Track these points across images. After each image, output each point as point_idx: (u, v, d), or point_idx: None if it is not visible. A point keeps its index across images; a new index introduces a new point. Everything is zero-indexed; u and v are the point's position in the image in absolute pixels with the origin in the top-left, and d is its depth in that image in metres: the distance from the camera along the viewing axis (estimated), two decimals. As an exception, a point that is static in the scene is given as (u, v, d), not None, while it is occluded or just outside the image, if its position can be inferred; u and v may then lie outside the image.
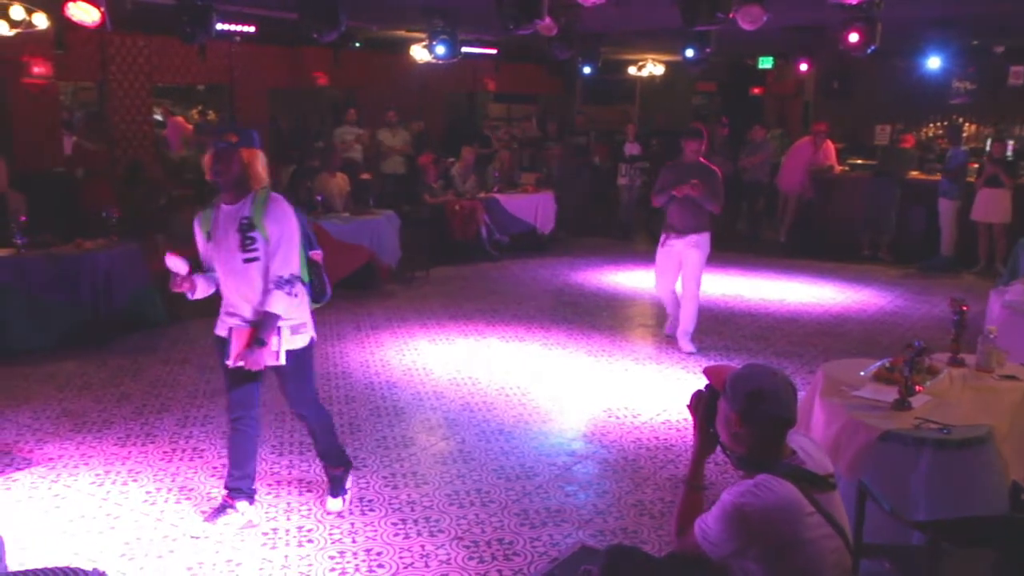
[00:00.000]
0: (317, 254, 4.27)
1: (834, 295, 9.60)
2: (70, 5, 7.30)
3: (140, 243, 7.87)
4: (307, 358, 4.27)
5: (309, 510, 4.42)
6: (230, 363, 4.09)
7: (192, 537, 4.13)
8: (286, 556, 3.98)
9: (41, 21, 8.36)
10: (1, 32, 8.33)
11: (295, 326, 4.12)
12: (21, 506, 4.42)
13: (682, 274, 7.21)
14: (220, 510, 4.27)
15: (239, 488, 4.28)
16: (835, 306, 9.10)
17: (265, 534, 4.17)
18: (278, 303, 3.97)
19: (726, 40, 10.44)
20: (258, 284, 4.01)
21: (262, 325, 4.00)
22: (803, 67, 12.11)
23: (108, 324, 7.30)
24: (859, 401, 3.80)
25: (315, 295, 4.28)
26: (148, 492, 4.61)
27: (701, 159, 7.13)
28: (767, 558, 2.37)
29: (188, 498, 4.54)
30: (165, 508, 4.43)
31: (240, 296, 4.07)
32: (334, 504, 4.43)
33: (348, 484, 4.51)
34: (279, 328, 4.05)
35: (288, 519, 4.32)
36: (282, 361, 4.11)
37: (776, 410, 2.46)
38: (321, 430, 4.41)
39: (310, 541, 4.11)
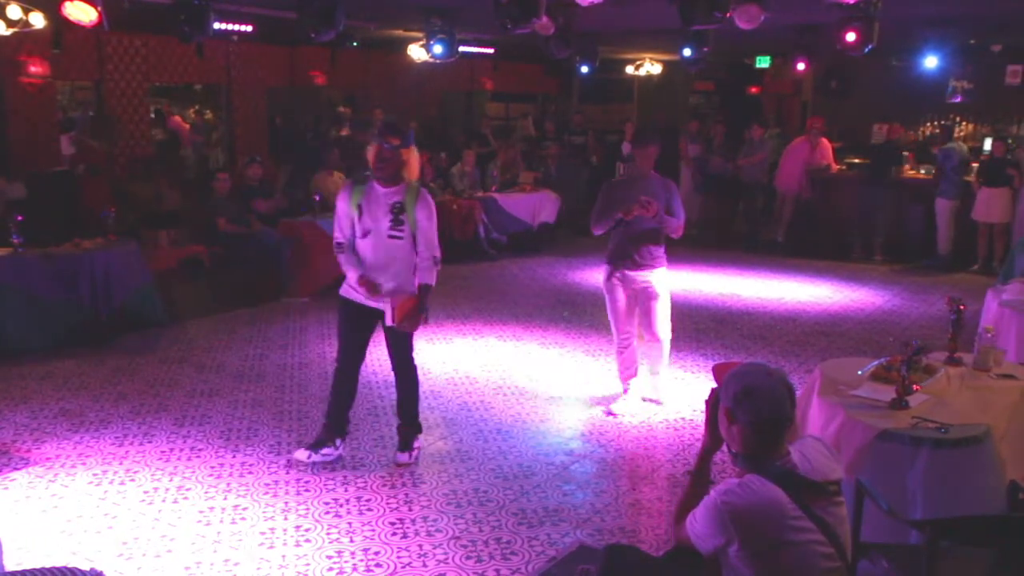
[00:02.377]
0: None
1: (832, 294, 9.61)
2: (67, 4, 7.28)
3: (139, 242, 7.87)
4: None
5: (307, 510, 4.41)
6: (392, 324, 4.81)
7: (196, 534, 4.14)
8: (284, 556, 3.98)
9: (38, 20, 8.34)
10: (-2, 32, 8.32)
11: None
12: (19, 506, 4.42)
13: (641, 319, 5.92)
14: (320, 445, 4.98)
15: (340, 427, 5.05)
16: (833, 305, 9.11)
17: (263, 533, 4.17)
18: (432, 276, 4.80)
19: (724, 39, 10.44)
20: (400, 258, 4.77)
21: (424, 295, 4.79)
22: (801, 66, 12.09)
23: (106, 324, 7.29)
24: (856, 400, 3.81)
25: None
26: (146, 492, 4.60)
27: (654, 171, 5.82)
28: (750, 558, 2.38)
29: (186, 498, 4.54)
30: (163, 507, 4.43)
31: (381, 265, 4.77)
32: (402, 458, 5.00)
33: (416, 444, 5.09)
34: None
35: (286, 519, 4.32)
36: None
37: (766, 410, 2.46)
38: (410, 389, 5.11)
39: (308, 541, 4.11)
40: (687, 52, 10.25)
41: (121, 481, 4.74)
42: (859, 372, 4.08)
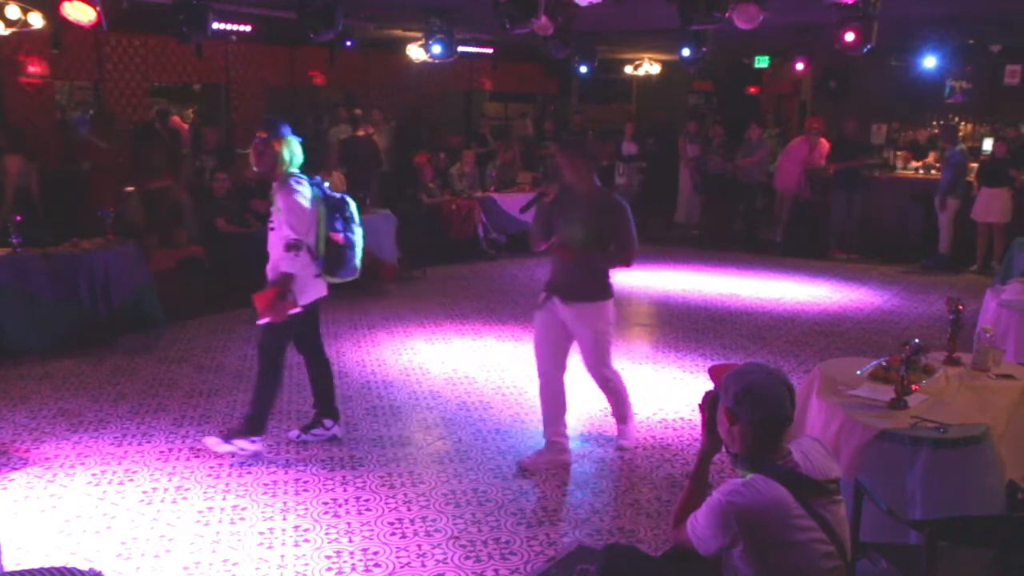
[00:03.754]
0: (337, 236, 4.97)
1: (831, 294, 9.61)
2: (66, 4, 7.28)
3: (137, 242, 7.87)
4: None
5: (306, 510, 4.41)
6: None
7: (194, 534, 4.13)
8: (282, 556, 3.97)
9: (37, 20, 8.32)
10: (-3, 32, 8.31)
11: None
12: (17, 506, 4.41)
13: (581, 354, 5.04)
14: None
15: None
16: (832, 305, 9.11)
17: (262, 533, 4.16)
18: (288, 263, 4.82)
19: (723, 39, 10.44)
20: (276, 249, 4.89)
21: (282, 282, 4.86)
22: (800, 66, 12.12)
23: (105, 324, 7.28)
24: (856, 400, 3.81)
25: (328, 268, 5.00)
26: (144, 492, 4.60)
27: (597, 187, 4.86)
28: (753, 558, 2.38)
29: (185, 498, 4.54)
30: (162, 508, 4.42)
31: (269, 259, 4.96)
32: (291, 434, 5.29)
33: (325, 427, 5.28)
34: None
35: (284, 519, 4.32)
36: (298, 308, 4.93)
37: (767, 409, 2.46)
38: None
39: (306, 541, 4.11)
40: (686, 52, 10.25)
41: (120, 481, 4.73)
42: (858, 372, 4.09)
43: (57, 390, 6.17)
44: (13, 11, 8.14)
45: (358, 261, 5.12)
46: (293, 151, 4.92)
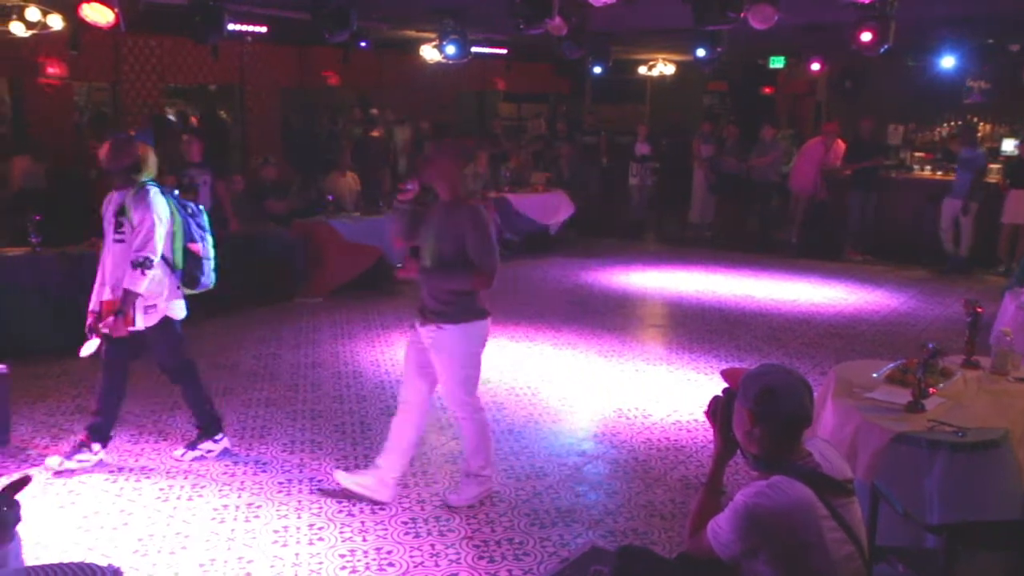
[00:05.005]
0: (196, 247, 4.85)
1: (846, 296, 9.57)
2: (84, 6, 7.32)
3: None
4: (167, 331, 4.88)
5: (320, 508, 4.43)
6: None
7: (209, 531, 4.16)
8: (297, 554, 3.99)
9: (56, 22, 8.40)
10: (17, 33, 8.39)
11: (147, 306, 4.73)
12: (36, 502, 4.44)
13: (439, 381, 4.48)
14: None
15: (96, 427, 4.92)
16: (847, 307, 9.07)
17: (276, 532, 4.18)
18: (132, 280, 4.60)
19: (738, 40, 10.40)
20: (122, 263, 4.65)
21: (124, 300, 4.66)
22: (815, 67, 12.07)
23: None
24: (872, 403, 3.78)
25: (187, 281, 4.88)
26: (161, 489, 4.63)
27: (458, 195, 4.44)
28: (777, 561, 2.35)
29: (200, 495, 4.56)
30: (178, 505, 4.45)
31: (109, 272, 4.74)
32: (182, 454, 5.00)
33: (202, 447, 5.02)
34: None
35: (299, 517, 4.33)
36: (139, 327, 4.72)
37: (789, 409, 2.45)
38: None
39: (321, 539, 4.12)
40: (701, 52, 10.21)
41: (136, 478, 4.77)
42: (874, 375, 4.06)
43: (75, 387, 6.21)
44: (33, 13, 8.22)
45: (214, 271, 4.99)
46: (152, 161, 4.73)
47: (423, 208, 4.46)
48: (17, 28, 8.32)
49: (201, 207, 4.98)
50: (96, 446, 4.89)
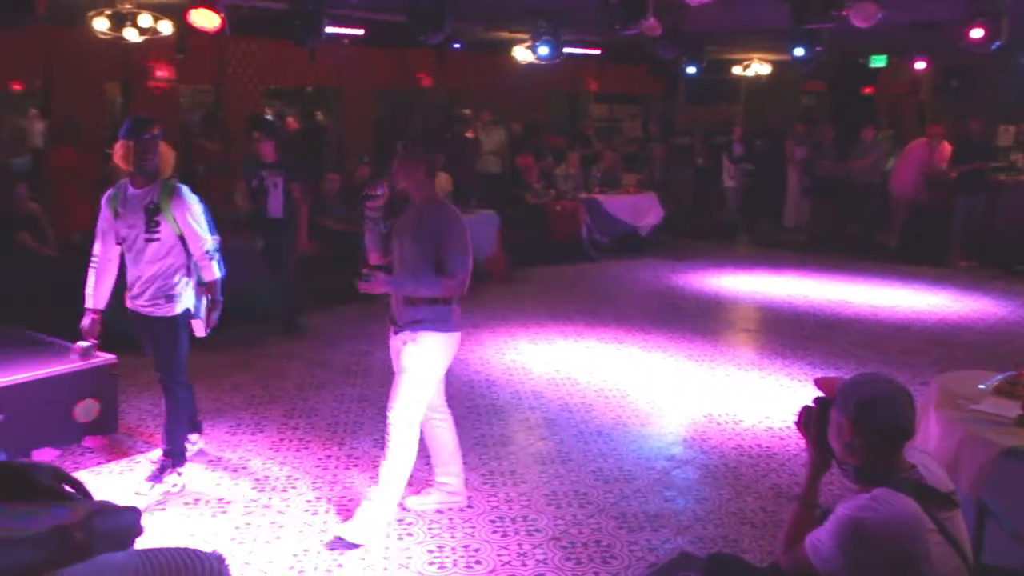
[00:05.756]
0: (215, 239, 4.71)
1: (949, 303, 9.21)
2: (193, 12, 7.62)
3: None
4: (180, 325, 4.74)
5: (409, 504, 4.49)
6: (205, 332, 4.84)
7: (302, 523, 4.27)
8: (386, 547, 4.06)
9: (166, 28, 8.75)
10: (130, 39, 8.77)
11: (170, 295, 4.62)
12: (141, 487, 4.63)
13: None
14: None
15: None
16: (951, 315, 8.73)
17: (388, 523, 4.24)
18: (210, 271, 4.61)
19: (837, 38, 10.13)
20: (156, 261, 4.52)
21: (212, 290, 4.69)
22: (919, 65, 11.65)
23: (222, 316, 7.54)
24: (978, 415, 3.64)
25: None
26: (257, 479, 4.77)
27: (429, 195, 4.17)
28: (882, 574, 2.28)
29: (294, 487, 4.68)
30: (273, 496, 4.58)
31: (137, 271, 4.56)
32: (142, 487, 4.52)
33: (166, 475, 4.61)
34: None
35: (390, 512, 4.40)
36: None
37: (892, 419, 2.36)
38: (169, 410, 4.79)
39: (409, 535, 4.18)
40: (799, 52, 9.96)
41: (235, 468, 4.93)
42: (980, 386, 3.90)
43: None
44: (146, 19, 8.57)
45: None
46: (171, 158, 4.60)
47: (395, 217, 4.18)
48: (131, 34, 8.69)
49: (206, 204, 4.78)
50: (194, 436, 5.06)
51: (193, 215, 4.51)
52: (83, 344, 4.69)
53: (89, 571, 1.93)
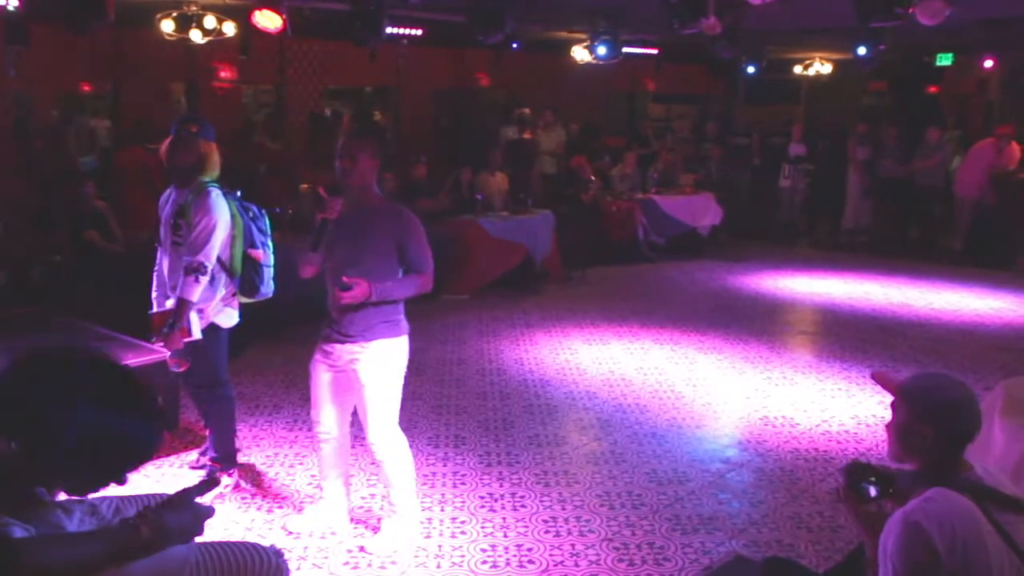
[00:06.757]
0: (256, 252, 4.49)
1: (1015, 307, 8.95)
2: (256, 13, 7.78)
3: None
4: (212, 341, 4.46)
5: (463, 502, 4.53)
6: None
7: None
8: (440, 546, 4.09)
9: (230, 29, 8.95)
10: (195, 40, 8.98)
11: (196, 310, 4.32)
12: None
13: (358, 408, 4.00)
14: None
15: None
16: (1017, 319, 8.49)
17: (420, 523, 4.29)
18: (187, 289, 4.21)
19: (902, 36, 9.92)
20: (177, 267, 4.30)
21: (177, 309, 4.25)
22: (988, 63, 11.34)
23: (281, 313, 7.68)
24: (1045, 423, 3.54)
25: (245, 288, 4.51)
26: (312, 476, 4.83)
27: (374, 194, 3.96)
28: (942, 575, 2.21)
29: (349, 484, 4.74)
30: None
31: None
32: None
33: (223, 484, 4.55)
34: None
35: (442, 510, 4.45)
36: (196, 336, 4.32)
37: (969, 424, 2.32)
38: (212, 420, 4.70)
39: (463, 533, 4.22)
40: (862, 51, 9.80)
41: (291, 464, 5.01)
42: (1048, 393, 3.80)
43: (236, 376, 6.48)
44: (210, 21, 8.78)
45: (272, 279, 4.61)
46: (215, 161, 4.38)
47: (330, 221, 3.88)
48: (196, 36, 8.91)
49: (263, 210, 4.58)
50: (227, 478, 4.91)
51: (207, 222, 4.21)
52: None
53: (149, 563, 1.98)
